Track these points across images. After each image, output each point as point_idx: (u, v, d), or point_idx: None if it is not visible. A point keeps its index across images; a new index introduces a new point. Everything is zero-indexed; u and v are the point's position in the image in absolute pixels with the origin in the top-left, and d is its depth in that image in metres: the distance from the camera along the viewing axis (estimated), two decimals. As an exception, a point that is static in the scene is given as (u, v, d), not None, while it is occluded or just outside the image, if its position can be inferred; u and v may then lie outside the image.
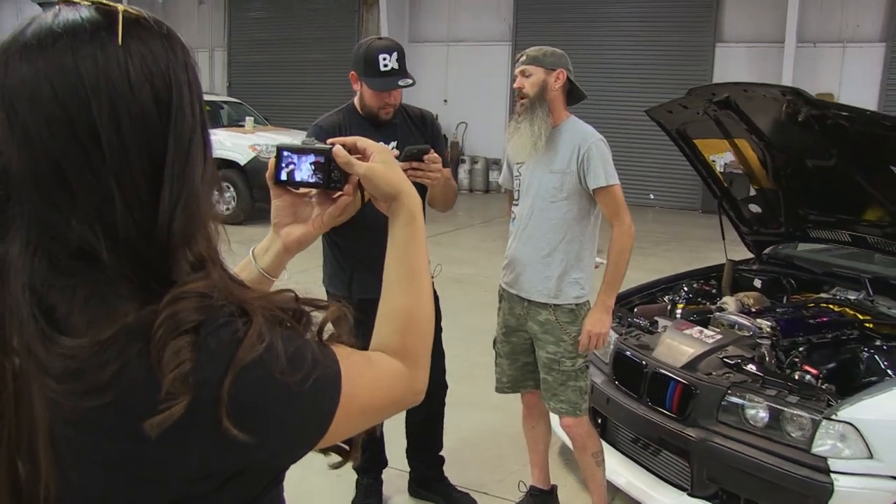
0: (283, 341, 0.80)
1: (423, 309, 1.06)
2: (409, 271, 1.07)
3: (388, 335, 1.02)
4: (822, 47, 12.58)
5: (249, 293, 0.84)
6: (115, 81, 0.77)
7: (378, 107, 3.00)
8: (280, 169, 1.12)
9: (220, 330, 0.78)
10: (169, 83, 0.80)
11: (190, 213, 0.81)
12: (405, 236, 1.08)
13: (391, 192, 1.09)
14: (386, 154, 1.11)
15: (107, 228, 0.77)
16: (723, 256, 4.37)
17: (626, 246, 2.96)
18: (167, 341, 0.75)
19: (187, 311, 0.77)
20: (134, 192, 0.78)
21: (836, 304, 3.82)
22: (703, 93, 3.57)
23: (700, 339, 3.37)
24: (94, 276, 0.78)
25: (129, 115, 0.77)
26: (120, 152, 0.77)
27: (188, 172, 0.81)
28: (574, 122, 3.03)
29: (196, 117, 0.83)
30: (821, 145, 3.37)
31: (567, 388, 3.03)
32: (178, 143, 0.80)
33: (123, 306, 0.77)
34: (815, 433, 2.78)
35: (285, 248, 1.15)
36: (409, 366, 1.01)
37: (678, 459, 3.20)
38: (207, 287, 0.80)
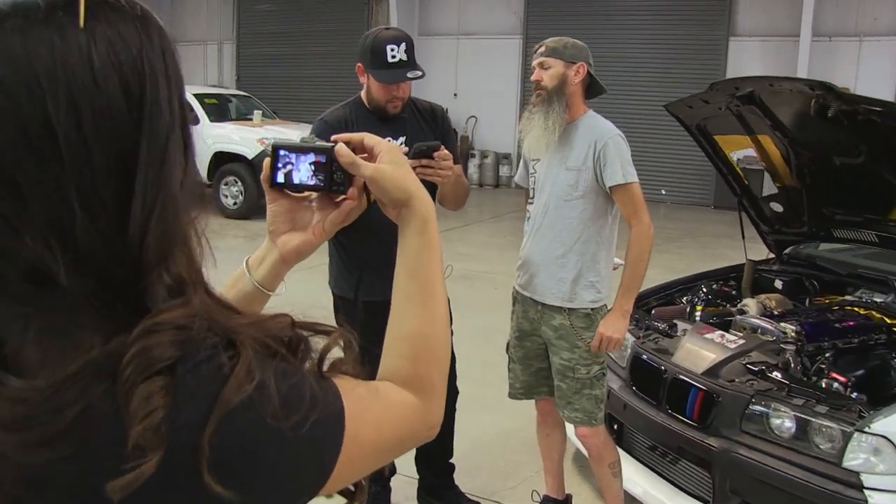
0: (277, 378, 0.68)
1: (437, 331, 0.93)
2: (422, 288, 0.94)
3: (398, 362, 0.90)
4: (838, 41, 12.39)
5: (237, 319, 0.71)
6: (75, 70, 0.64)
7: (386, 100, 2.86)
8: (276, 170, 0.99)
9: (202, 366, 0.65)
10: (142, 73, 0.67)
11: (166, 225, 0.68)
12: (417, 247, 0.95)
13: (401, 196, 0.96)
14: (395, 153, 0.98)
15: (66, 245, 0.64)
16: (738, 254, 4.23)
17: (645, 247, 2.82)
18: (136, 383, 0.62)
19: (162, 347, 0.64)
20: (98, 201, 0.65)
21: (862, 307, 3.68)
22: (725, 87, 3.42)
23: (722, 343, 3.23)
24: (51, 303, 0.65)
25: (93, 110, 0.64)
26: (81, 154, 0.64)
27: (164, 178, 0.68)
28: (591, 117, 2.89)
29: (174, 113, 0.70)
30: (849, 141, 3.22)
31: (582, 396, 2.90)
32: (151, 144, 0.67)
33: (87, 338, 0.64)
34: (847, 446, 2.64)
35: (282, 259, 1.02)
36: (422, 397, 0.88)
37: (699, 469, 3.07)
38: (186, 316, 0.67)
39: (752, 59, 12.65)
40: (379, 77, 2.82)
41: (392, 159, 0.97)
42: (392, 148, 0.99)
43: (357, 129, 3.01)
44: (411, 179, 0.97)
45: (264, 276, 1.02)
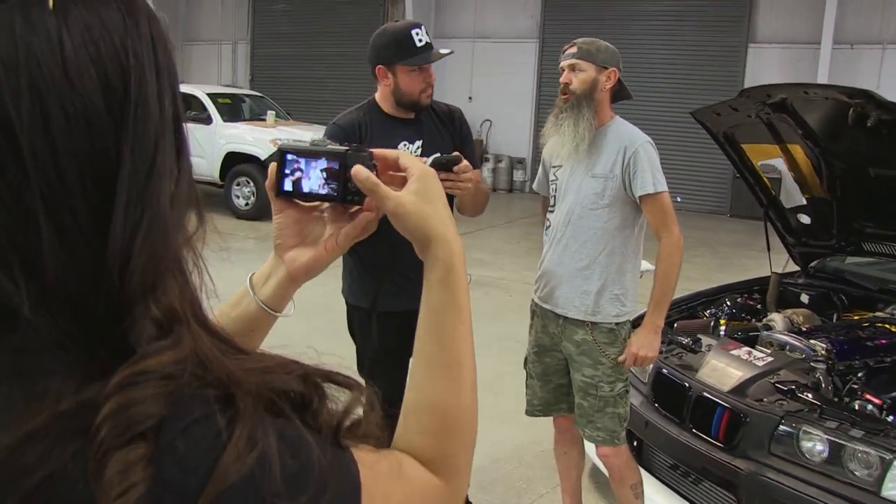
0: (283, 447, 0.56)
1: (464, 406, 0.80)
2: (447, 353, 0.80)
3: (419, 438, 0.76)
4: (861, 49, 12.21)
5: (239, 364, 0.59)
6: (43, 62, 0.52)
7: (420, 90, 2.71)
8: (283, 177, 0.88)
9: (193, 429, 0.53)
10: (125, 66, 0.55)
11: (153, 248, 0.56)
12: (440, 303, 0.81)
13: (420, 238, 0.83)
14: (427, 183, 0.84)
15: (31, 272, 0.52)
16: (755, 263, 4.13)
17: (676, 261, 2.70)
18: (111, 448, 0.50)
19: (145, 403, 0.52)
20: (71, 220, 0.53)
21: (893, 325, 3.54)
22: (756, 94, 3.30)
23: (749, 360, 3.10)
24: (13, 343, 0.53)
25: (64, 110, 0.52)
26: (49, 164, 0.52)
27: (151, 191, 0.56)
28: (619, 123, 2.77)
29: (165, 114, 0.58)
30: (888, 152, 3.09)
31: (605, 414, 2.77)
32: (136, 151, 0.55)
33: (55, 386, 0.52)
34: (887, 474, 2.50)
35: (290, 277, 0.90)
36: (446, 480, 0.76)
37: (723, 492, 2.94)
38: (176, 361, 0.55)
39: (771, 66, 12.49)
40: (415, 62, 2.67)
41: (420, 189, 0.84)
42: (425, 175, 0.85)
43: (371, 134, 2.90)
44: (436, 218, 0.83)
45: (270, 295, 0.90)
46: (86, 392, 0.52)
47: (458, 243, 0.84)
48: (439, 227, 0.83)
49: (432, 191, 0.84)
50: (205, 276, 0.70)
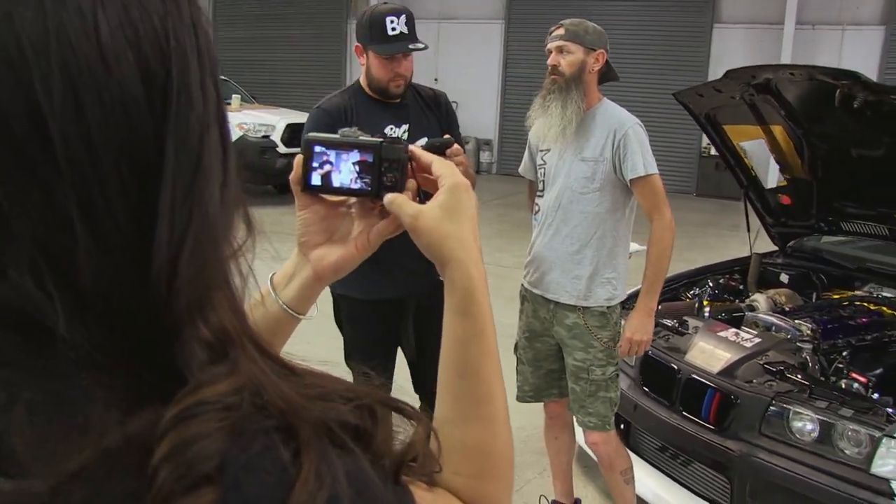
0: (350, 486, 0.50)
1: (501, 444, 0.75)
2: (475, 389, 0.75)
3: (457, 481, 0.71)
4: (821, 29, 12.38)
5: (294, 388, 0.52)
6: (76, 43, 0.45)
7: (388, 78, 2.67)
8: (311, 170, 0.82)
9: (256, 465, 0.47)
10: (166, 50, 0.49)
11: (203, 260, 0.49)
12: (462, 335, 0.76)
13: (436, 257, 0.78)
14: (457, 196, 0.78)
15: (66, 283, 0.45)
16: (721, 242, 4.18)
17: (668, 243, 2.69)
18: (174, 495, 0.44)
19: (207, 439, 0.46)
20: (109, 221, 0.46)
21: (872, 303, 3.59)
22: (741, 75, 3.29)
23: (737, 342, 3.12)
24: (46, 365, 0.46)
25: (99, 97, 0.45)
26: (84, 157, 0.45)
27: (199, 193, 0.49)
28: (608, 106, 2.74)
29: (209, 104, 0.51)
30: (871, 133, 3.11)
31: (597, 399, 2.76)
32: (180, 146, 0.49)
33: (97, 416, 0.45)
34: (876, 451, 2.54)
35: (317, 277, 0.84)
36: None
37: (714, 473, 2.96)
38: (235, 389, 0.48)
39: (735, 46, 12.61)
40: (379, 51, 2.64)
41: (447, 203, 0.78)
42: (456, 188, 0.79)
43: (357, 118, 2.83)
44: (456, 239, 0.77)
45: (294, 296, 0.84)
46: (134, 424, 0.45)
47: (479, 268, 0.78)
48: (457, 250, 0.77)
49: (461, 206, 0.78)
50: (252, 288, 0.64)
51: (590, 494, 3.50)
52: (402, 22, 2.64)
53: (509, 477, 0.76)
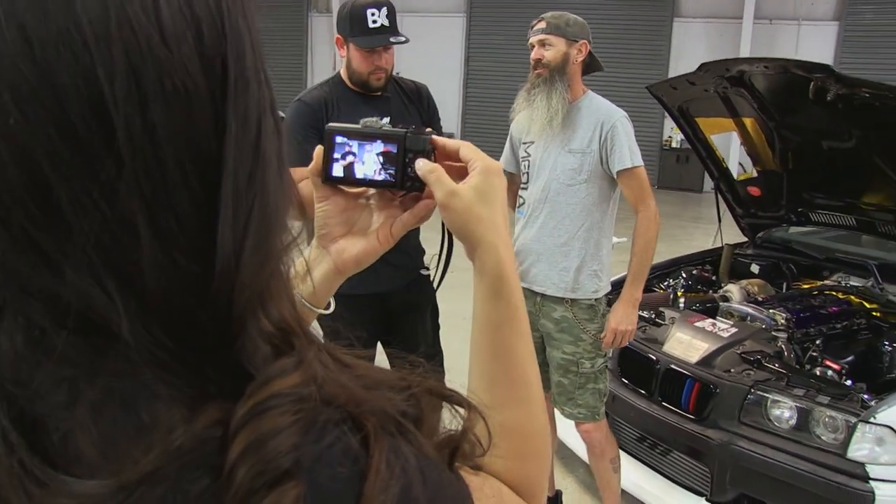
0: (420, 473, 0.50)
1: (539, 424, 0.76)
2: (510, 372, 0.75)
3: (501, 462, 0.71)
4: (779, 24, 12.61)
5: (354, 381, 0.51)
6: (138, 26, 0.42)
7: (368, 71, 2.65)
8: (332, 161, 0.80)
9: (329, 455, 0.46)
10: (222, 31, 0.46)
11: (265, 251, 0.48)
12: (496, 318, 0.76)
13: (467, 238, 0.77)
14: (490, 180, 0.77)
15: (129, 283, 0.44)
16: (685, 234, 4.24)
17: (653, 234, 2.71)
18: (257, 492, 0.43)
19: (282, 433, 0.45)
20: (173, 220, 0.44)
21: (841, 292, 3.66)
22: (716, 68, 3.33)
23: (714, 332, 3.16)
24: (108, 365, 0.45)
25: (162, 85, 0.43)
26: (148, 152, 0.43)
27: (259, 183, 0.47)
28: (593, 98, 2.75)
29: (263, 90, 0.49)
30: (841, 126, 3.17)
31: (585, 391, 2.77)
32: (241, 136, 0.46)
33: (164, 416, 0.44)
34: (851, 437, 2.59)
35: (337, 270, 0.83)
36: (530, 501, 0.72)
37: (693, 462, 3.00)
38: (305, 381, 0.47)
39: (695, 40, 12.78)
40: (360, 43, 2.61)
41: (480, 186, 0.77)
42: (489, 171, 0.78)
43: (338, 110, 2.80)
44: (488, 222, 0.77)
45: (313, 290, 0.82)
46: (200, 421, 0.44)
47: (509, 251, 0.78)
48: (489, 233, 0.76)
49: (494, 190, 0.77)
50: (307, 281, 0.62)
51: (570, 486, 3.52)
52: (383, 14, 2.61)
53: (548, 456, 0.76)
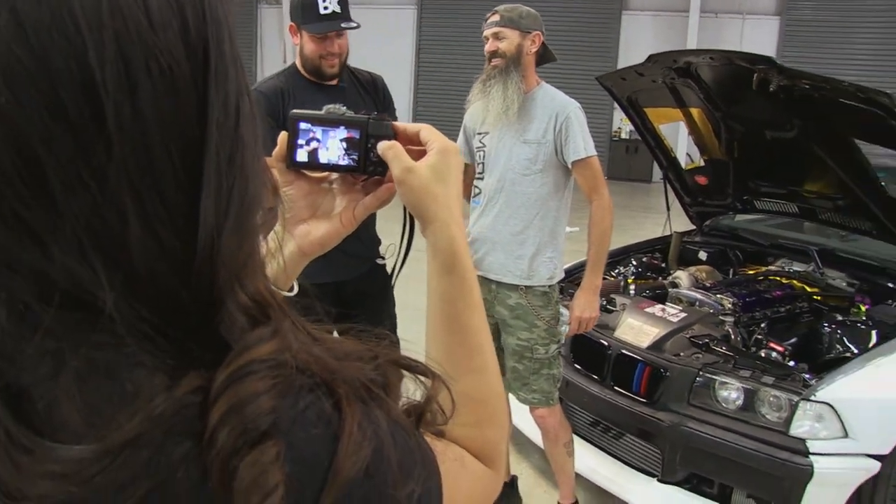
0: (391, 437, 0.53)
1: (495, 390, 0.79)
2: (467, 342, 0.79)
3: (462, 429, 0.74)
4: (724, 18, 12.88)
5: (325, 352, 0.54)
6: (128, 12, 0.44)
7: (320, 56, 2.66)
8: (297, 147, 0.82)
9: (305, 418, 0.49)
10: (204, 18, 0.48)
11: (244, 229, 0.50)
12: (448, 292, 0.79)
13: (421, 214, 0.79)
14: (447, 159, 0.80)
15: (112, 260, 0.45)
16: (634, 223, 4.33)
17: (608, 223, 2.77)
18: (239, 451, 0.46)
19: (261, 397, 0.47)
20: (158, 200, 0.46)
21: (784, 277, 3.79)
22: (664, 59, 3.41)
23: (664, 317, 3.24)
24: (93, 337, 0.46)
25: (149, 70, 0.45)
26: (135, 135, 0.45)
27: (238, 165, 0.50)
28: (547, 89, 2.79)
29: (240, 73, 0.52)
30: (783, 116, 3.28)
31: (540, 376, 2.83)
32: (222, 119, 0.49)
33: (146, 384, 0.46)
34: (794, 415, 2.69)
35: (301, 252, 0.85)
36: (493, 466, 0.76)
37: (644, 444, 3.08)
38: (280, 350, 0.50)
39: (643, 33, 12.97)
40: (311, 29, 2.63)
41: (436, 164, 0.79)
42: (446, 151, 0.81)
43: (294, 99, 2.81)
44: (442, 200, 0.79)
45: (278, 272, 0.84)
46: (181, 388, 0.47)
47: (461, 228, 0.81)
48: (443, 211, 0.79)
49: (449, 169, 0.80)
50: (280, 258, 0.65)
51: (525, 471, 3.58)
52: (334, 1, 2.63)
53: (506, 422, 0.79)
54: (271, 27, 15.26)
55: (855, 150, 3.22)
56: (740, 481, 2.82)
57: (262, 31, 15.49)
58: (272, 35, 15.29)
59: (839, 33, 12.27)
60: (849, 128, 3.15)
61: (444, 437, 0.70)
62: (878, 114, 2.79)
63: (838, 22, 12.27)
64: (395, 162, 0.79)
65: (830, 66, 11.79)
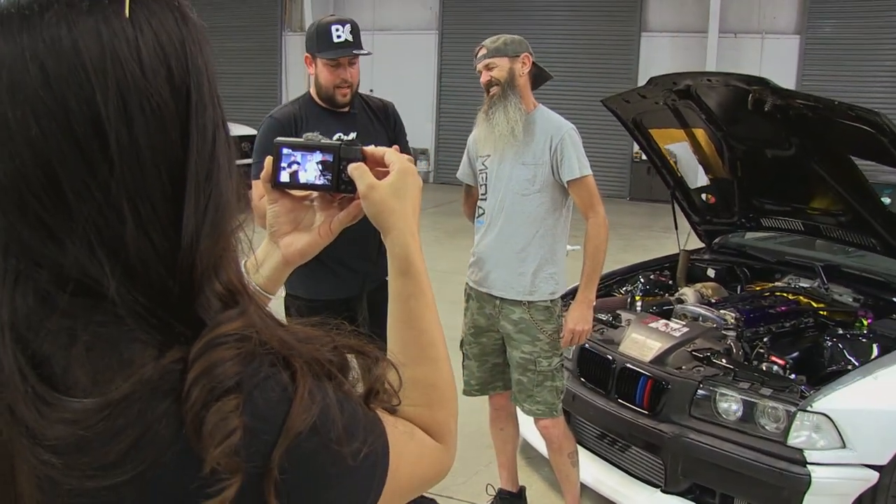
0: (337, 402, 0.66)
1: (445, 377, 0.91)
2: (421, 336, 0.90)
3: (413, 409, 0.86)
4: (743, 38, 12.91)
5: (288, 335, 0.68)
6: (125, 64, 0.59)
7: (334, 85, 2.82)
8: (280, 169, 0.96)
9: (265, 385, 0.62)
10: (186, 67, 0.63)
11: (218, 232, 0.65)
12: (404, 292, 0.90)
13: (381, 225, 0.91)
14: (403, 178, 0.92)
15: (115, 254, 0.60)
16: (655, 244, 4.39)
17: (603, 238, 2.89)
18: (208, 403, 0.59)
19: (227, 362, 0.61)
20: (150, 208, 0.61)
21: (790, 293, 3.85)
22: (664, 82, 3.52)
23: (667, 332, 3.32)
24: (98, 317, 0.61)
25: (142, 107, 0.60)
26: (132, 157, 0.60)
27: (215, 180, 0.65)
28: (543, 111, 2.93)
29: (217, 109, 0.67)
30: (781, 135, 3.36)
31: (543, 388, 2.93)
32: (200, 144, 0.64)
33: (139, 354, 0.60)
34: (791, 425, 2.76)
35: (285, 261, 0.98)
36: (442, 441, 0.87)
37: (649, 455, 3.15)
38: (246, 327, 0.64)
39: (663, 53, 13.04)
40: (326, 56, 2.79)
41: (395, 183, 0.91)
42: (404, 172, 0.93)
43: (307, 126, 2.97)
44: (399, 213, 0.91)
45: (265, 278, 0.97)
46: (167, 358, 0.60)
47: (415, 237, 0.92)
48: (399, 222, 0.91)
49: (406, 187, 0.92)
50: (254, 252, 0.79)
51: (534, 484, 3.66)
52: (346, 31, 2.80)
53: (454, 405, 0.90)
54: (296, 54, 15.57)
55: (852, 166, 3.29)
56: (740, 491, 2.89)
57: (287, 57, 15.81)
58: (296, 62, 15.56)
59: (860, 52, 12.25)
60: (844, 145, 3.23)
61: (396, 414, 0.83)
62: (869, 131, 2.87)
63: (859, 40, 12.25)
64: (359, 180, 0.92)
65: (852, 85, 11.78)
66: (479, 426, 3.59)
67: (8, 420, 0.57)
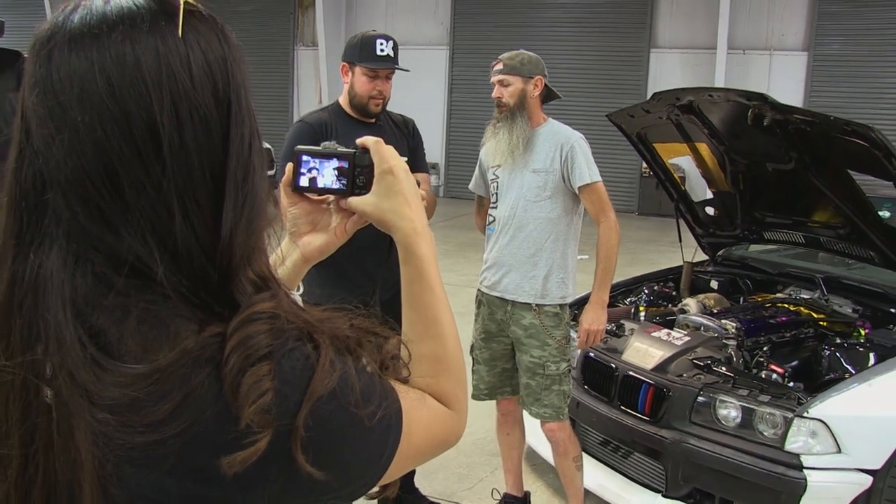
0: (356, 371, 0.76)
1: (450, 351, 0.99)
2: (424, 315, 0.98)
3: (422, 380, 0.95)
4: (751, 54, 12.99)
5: (311, 315, 0.78)
6: (178, 77, 0.70)
7: (369, 95, 2.94)
8: (300, 175, 1.05)
9: (292, 355, 0.72)
10: (228, 82, 0.74)
11: (253, 228, 0.75)
12: (409, 278, 0.99)
13: (385, 228, 1.02)
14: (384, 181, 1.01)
15: (164, 244, 0.70)
16: (662, 258, 4.46)
17: (614, 242, 2.99)
18: (244, 368, 0.68)
19: (260, 335, 0.71)
20: (195, 204, 0.71)
21: (791, 304, 3.92)
22: (667, 97, 3.62)
23: (669, 341, 3.41)
24: (148, 296, 0.71)
25: (192, 116, 0.70)
26: (181, 159, 0.70)
27: (250, 183, 0.75)
28: (552, 124, 3.06)
29: (253, 122, 0.77)
30: (781, 149, 3.46)
31: (551, 392, 3.02)
32: (239, 150, 0.74)
33: (183, 328, 0.70)
34: (788, 431, 2.83)
35: (304, 259, 1.08)
36: (450, 408, 0.96)
37: (650, 461, 3.23)
38: (276, 308, 0.74)
39: (672, 69, 13.14)
40: (366, 65, 2.91)
41: (378, 190, 1.00)
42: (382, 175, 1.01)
43: (336, 133, 3.10)
44: (392, 212, 0.99)
45: (286, 275, 1.07)
46: (206, 332, 0.70)
47: (415, 228, 1.01)
48: (396, 219, 0.99)
49: (390, 187, 1.01)
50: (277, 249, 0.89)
51: (539, 489, 3.74)
52: (389, 46, 2.94)
53: (461, 375, 0.99)
54: (307, 68, 15.76)
55: (850, 180, 3.38)
56: (739, 495, 2.97)
57: (299, 71, 16.00)
58: (308, 76, 15.78)
59: (868, 68, 12.30)
60: (842, 159, 3.32)
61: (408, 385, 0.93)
62: (864, 145, 2.96)
63: (867, 57, 12.31)
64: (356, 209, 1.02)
65: (860, 101, 11.85)
66: (486, 433, 3.68)
67: (69, 384, 0.66)
